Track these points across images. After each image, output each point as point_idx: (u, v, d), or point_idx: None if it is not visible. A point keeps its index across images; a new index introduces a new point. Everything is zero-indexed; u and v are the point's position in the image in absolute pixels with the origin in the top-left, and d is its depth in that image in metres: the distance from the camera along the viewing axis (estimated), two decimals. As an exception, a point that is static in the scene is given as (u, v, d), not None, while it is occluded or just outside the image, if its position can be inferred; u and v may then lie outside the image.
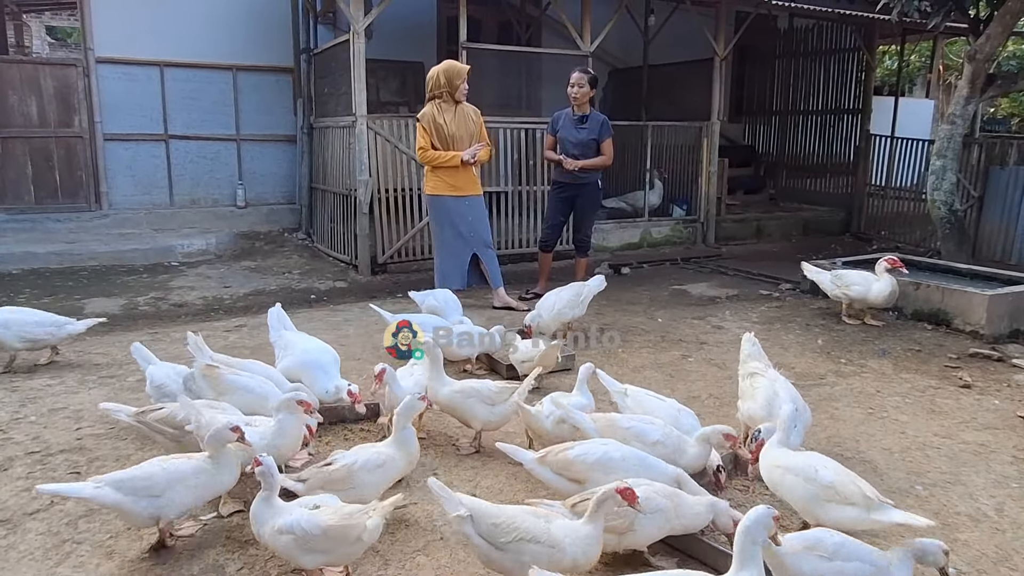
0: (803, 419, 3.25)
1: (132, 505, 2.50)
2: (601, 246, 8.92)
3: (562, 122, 6.47)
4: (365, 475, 2.71)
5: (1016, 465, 3.48)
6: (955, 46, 17.30)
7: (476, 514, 2.26)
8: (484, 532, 2.26)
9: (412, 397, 2.94)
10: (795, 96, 12.38)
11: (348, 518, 2.32)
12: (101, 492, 2.49)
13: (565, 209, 6.64)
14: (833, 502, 2.55)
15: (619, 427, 3.06)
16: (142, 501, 2.50)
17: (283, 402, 2.90)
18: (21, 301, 6.25)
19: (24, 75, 8.54)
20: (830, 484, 2.56)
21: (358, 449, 2.82)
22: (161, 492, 2.52)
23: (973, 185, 9.14)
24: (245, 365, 3.64)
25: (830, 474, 2.60)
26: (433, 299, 5.10)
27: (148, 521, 2.57)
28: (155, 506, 2.52)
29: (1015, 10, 7.09)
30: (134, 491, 2.51)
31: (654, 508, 2.47)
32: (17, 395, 4.08)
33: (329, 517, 2.32)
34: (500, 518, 2.26)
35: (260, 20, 9.53)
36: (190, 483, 2.57)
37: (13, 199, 8.56)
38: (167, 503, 2.53)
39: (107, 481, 2.52)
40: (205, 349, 3.56)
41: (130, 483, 2.52)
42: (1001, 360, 5.02)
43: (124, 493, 2.50)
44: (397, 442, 2.82)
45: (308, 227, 9.57)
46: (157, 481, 2.53)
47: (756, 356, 3.58)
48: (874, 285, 5.61)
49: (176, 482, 2.54)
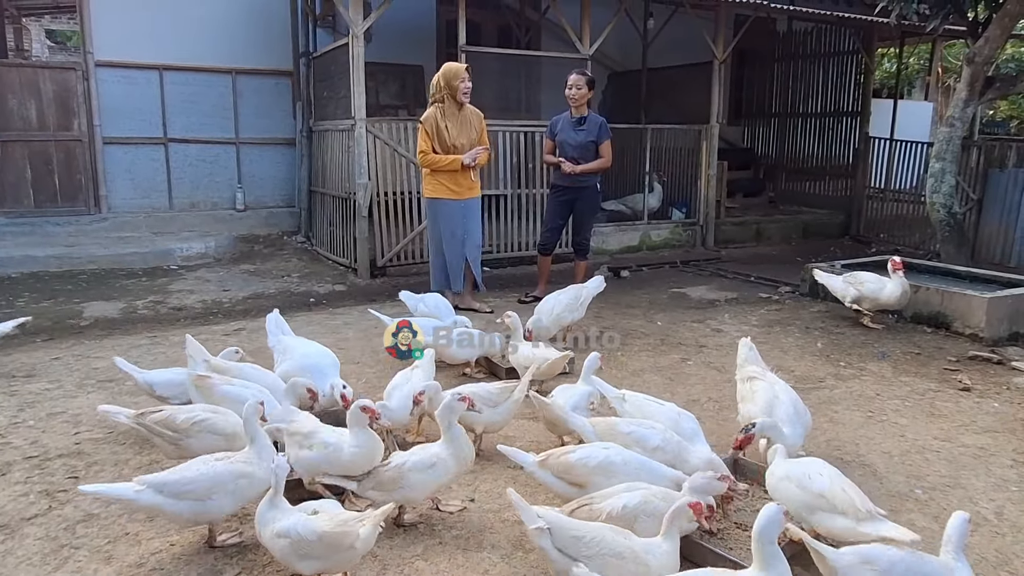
0: (803, 422, 3.25)
1: (172, 507, 2.53)
2: (600, 249, 8.92)
3: (560, 125, 6.48)
4: (415, 476, 2.72)
5: (1016, 468, 3.47)
6: (954, 49, 17.32)
7: (555, 527, 2.26)
8: (564, 545, 2.26)
9: (452, 397, 2.87)
10: (794, 99, 12.38)
11: (343, 525, 2.31)
12: (143, 495, 2.52)
13: (564, 212, 6.65)
14: (823, 511, 2.54)
15: (619, 432, 3.05)
16: (182, 503, 2.53)
17: (351, 416, 2.80)
18: (20, 305, 6.25)
19: (24, 79, 8.54)
20: (820, 492, 2.56)
21: (413, 450, 2.82)
22: (203, 496, 2.55)
23: (972, 188, 9.14)
24: (241, 370, 3.63)
25: (824, 482, 2.59)
26: (424, 305, 5.08)
27: (190, 523, 2.63)
28: (196, 510, 2.55)
29: (1013, 13, 7.10)
30: (175, 495, 2.53)
31: (652, 511, 2.48)
32: (15, 399, 4.08)
33: (324, 523, 2.32)
34: (582, 532, 2.28)
35: (259, 24, 9.53)
36: (229, 487, 2.58)
37: (12, 203, 8.56)
38: (210, 507, 2.57)
39: (149, 483, 2.54)
40: (204, 354, 3.55)
41: (173, 486, 2.54)
42: (1001, 363, 5.02)
43: (165, 496, 2.53)
44: (447, 443, 2.80)
45: (307, 230, 9.56)
46: (199, 485, 2.55)
47: (753, 360, 3.58)
48: (888, 285, 5.65)
49: (217, 487, 2.56)
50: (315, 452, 2.78)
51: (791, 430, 3.13)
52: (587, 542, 2.25)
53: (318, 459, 2.78)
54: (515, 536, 2.78)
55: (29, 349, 5.08)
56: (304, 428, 2.88)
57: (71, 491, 3.07)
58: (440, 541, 2.75)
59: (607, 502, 2.50)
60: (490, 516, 2.94)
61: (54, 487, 3.12)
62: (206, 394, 3.34)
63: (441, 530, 2.82)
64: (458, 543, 2.74)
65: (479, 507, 3.01)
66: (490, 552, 2.69)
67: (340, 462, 2.76)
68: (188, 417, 2.98)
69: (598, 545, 2.25)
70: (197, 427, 2.97)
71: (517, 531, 2.81)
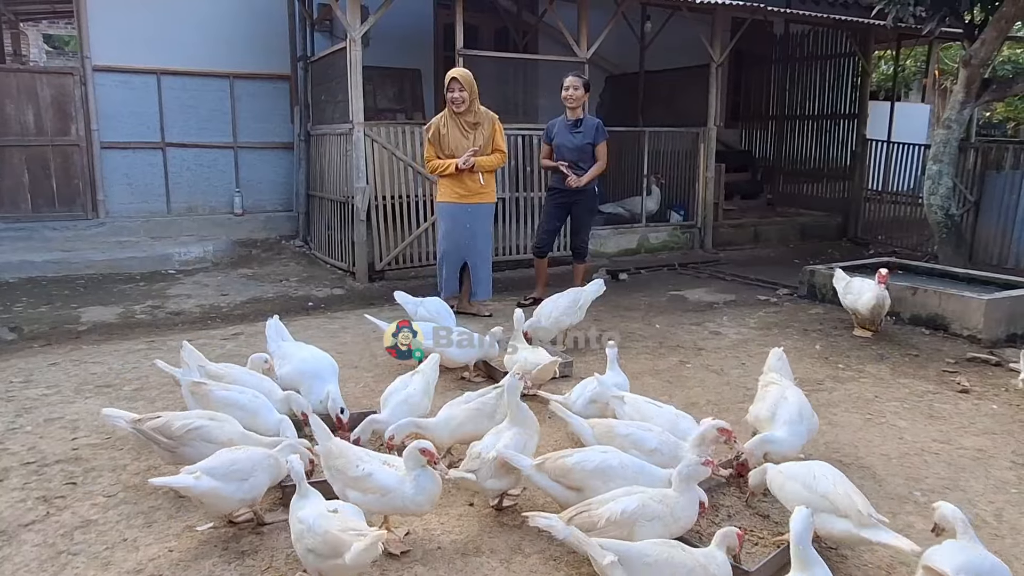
0: (808, 425, 3.25)
1: (225, 489, 2.64)
2: (599, 252, 8.93)
3: (557, 129, 6.49)
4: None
5: (1015, 470, 3.47)
6: (951, 51, 17.35)
7: (623, 557, 2.25)
8: (635, 573, 2.24)
9: (513, 378, 3.04)
10: (792, 101, 12.40)
11: (342, 532, 2.30)
12: (202, 482, 2.63)
13: (561, 215, 6.65)
14: (825, 512, 2.55)
15: (617, 433, 3.07)
16: (232, 485, 2.66)
17: (409, 458, 2.63)
18: (18, 310, 6.24)
19: (21, 83, 8.53)
20: (824, 494, 2.57)
21: (488, 435, 2.99)
22: (247, 475, 2.69)
23: (969, 189, 9.15)
24: (237, 376, 3.62)
25: (827, 484, 2.60)
26: (424, 309, 5.06)
27: (238, 504, 2.73)
28: (244, 489, 2.69)
29: (1009, 15, 7.12)
30: (225, 476, 2.65)
31: (652, 515, 2.48)
32: (13, 405, 4.07)
33: (332, 524, 2.33)
34: (651, 556, 2.27)
35: (257, 28, 9.54)
36: (264, 465, 2.75)
37: (10, 208, 8.55)
38: (253, 485, 2.71)
39: (202, 469, 2.66)
40: (201, 359, 3.54)
41: (221, 469, 2.66)
42: (999, 364, 5.02)
43: (218, 479, 2.64)
44: (516, 422, 2.98)
45: (305, 234, 9.56)
46: (243, 466, 2.70)
47: (778, 369, 3.61)
48: (865, 294, 5.55)
49: (256, 464, 2.73)
50: (369, 497, 2.62)
51: (789, 429, 3.14)
52: (659, 566, 2.25)
53: (373, 503, 2.63)
54: (513, 541, 2.78)
55: (26, 354, 5.07)
56: (349, 462, 2.68)
57: (69, 497, 3.07)
58: (439, 546, 2.74)
59: (605, 507, 2.49)
60: (488, 521, 2.93)
61: (52, 493, 3.11)
62: (201, 400, 3.33)
63: (440, 535, 2.82)
64: (456, 548, 2.73)
65: (477, 512, 3.00)
66: (489, 557, 2.68)
67: (396, 507, 2.65)
68: (184, 424, 2.97)
69: (671, 567, 2.25)
70: (192, 435, 2.95)
71: (516, 535, 2.81)
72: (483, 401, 3.29)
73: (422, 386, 3.54)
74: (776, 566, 2.56)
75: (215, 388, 3.35)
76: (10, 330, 5.63)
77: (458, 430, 3.24)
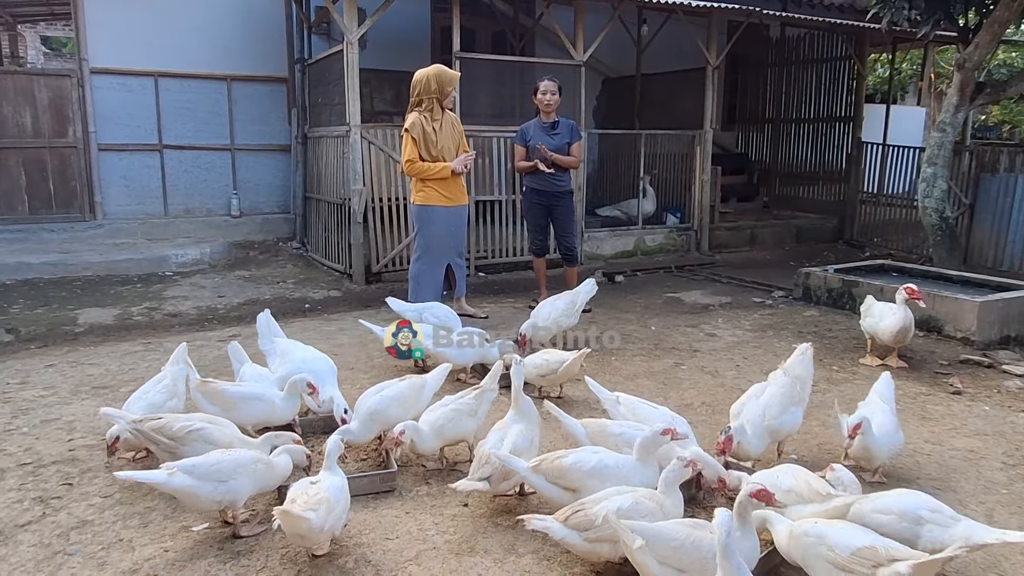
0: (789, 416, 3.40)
1: (200, 489, 2.65)
2: (595, 254, 8.95)
3: (532, 131, 6.47)
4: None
5: (1005, 471, 3.50)
6: (946, 54, 17.40)
7: (650, 540, 2.29)
8: (665, 556, 2.28)
9: (519, 365, 3.21)
10: (787, 104, 12.44)
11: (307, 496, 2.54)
12: (175, 478, 2.64)
13: (543, 213, 6.62)
14: (796, 504, 2.68)
15: (609, 433, 3.11)
16: (208, 485, 2.66)
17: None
18: (15, 312, 6.25)
19: (18, 86, 8.54)
20: (788, 489, 2.70)
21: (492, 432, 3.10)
22: (227, 477, 2.69)
23: (964, 192, 9.19)
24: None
25: (789, 479, 2.75)
26: (432, 315, 4.93)
27: (214, 506, 2.73)
28: (221, 491, 2.68)
29: (1003, 19, 7.16)
30: (204, 476, 2.66)
31: (645, 512, 2.50)
32: (9, 406, 4.08)
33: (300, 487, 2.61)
34: (677, 539, 2.30)
35: (254, 30, 9.56)
36: (250, 469, 2.75)
37: (7, 209, 8.56)
38: (233, 488, 2.71)
39: (179, 467, 2.67)
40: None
41: (200, 468, 2.67)
42: (992, 367, 5.05)
43: (195, 478, 2.65)
44: (521, 412, 3.10)
45: (302, 236, 9.57)
46: (224, 467, 2.70)
47: (797, 365, 3.57)
48: (887, 317, 4.95)
49: (239, 467, 2.72)
50: None
51: (763, 412, 3.31)
52: (687, 549, 2.28)
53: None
54: (507, 541, 2.80)
55: (23, 356, 5.08)
56: None
57: (65, 498, 3.08)
58: (433, 546, 2.76)
59: (600, 506, 2.51)
60: (483, 521, 2.95)
61: (48, 494, 3.12)
62: (214, 399, 3.35)
63: (434, 535, 2.83)
64: (451, 547, 2.75)
65: (472, 512, 3.02)
66: (483, 556, 2.70)
67: None
68: (183, 426, 3.00)
69: (697, 549, 2.28)
70: (191, 436, 2.98)
71: (510, 535, 2.82)
72: (462, 402, 3.35)
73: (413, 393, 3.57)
74: (768, 566, 2.59)
75: (227, 386, 3.40)
76: (7, 332, 5.64)
77: (441, 432, 3.28)
